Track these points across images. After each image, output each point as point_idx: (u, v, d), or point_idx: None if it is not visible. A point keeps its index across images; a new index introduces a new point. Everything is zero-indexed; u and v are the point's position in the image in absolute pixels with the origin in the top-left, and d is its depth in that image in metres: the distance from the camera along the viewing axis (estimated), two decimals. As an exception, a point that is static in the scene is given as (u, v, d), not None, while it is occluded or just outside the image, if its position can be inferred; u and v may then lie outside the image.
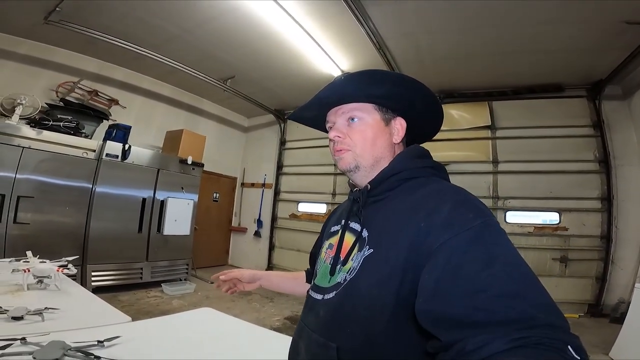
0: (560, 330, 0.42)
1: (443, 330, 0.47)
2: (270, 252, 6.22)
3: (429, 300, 0.49)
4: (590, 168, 4.17)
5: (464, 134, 4.79)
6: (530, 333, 0.41)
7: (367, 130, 0.71)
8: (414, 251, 0.55)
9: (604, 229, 4.02)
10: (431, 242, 0.53)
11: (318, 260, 0.81)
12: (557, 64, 3.86)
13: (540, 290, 0.46)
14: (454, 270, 0.48)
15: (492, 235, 0.52)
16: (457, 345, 0.44)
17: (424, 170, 0.69)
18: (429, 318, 0.49)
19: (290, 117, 0.87)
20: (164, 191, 4.45)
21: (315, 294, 0.72)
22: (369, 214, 0.69)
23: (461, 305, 0.46)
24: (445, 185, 0.65)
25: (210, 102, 6.21)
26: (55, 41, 4.08)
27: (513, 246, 0.51)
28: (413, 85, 0.72)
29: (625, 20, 2.93)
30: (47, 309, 1.10)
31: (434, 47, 3.73)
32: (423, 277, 0.51)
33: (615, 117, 4.14)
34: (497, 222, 0.54)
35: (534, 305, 0.44)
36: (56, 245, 3.32)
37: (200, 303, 3.82)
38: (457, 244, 0.50)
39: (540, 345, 0.40)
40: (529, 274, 0.47)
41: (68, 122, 3.71)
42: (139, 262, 4.19)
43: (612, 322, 3.46)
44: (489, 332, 0.42)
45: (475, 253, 0.49)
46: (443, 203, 0.57)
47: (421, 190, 0.63)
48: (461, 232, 0.51)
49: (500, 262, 0.48)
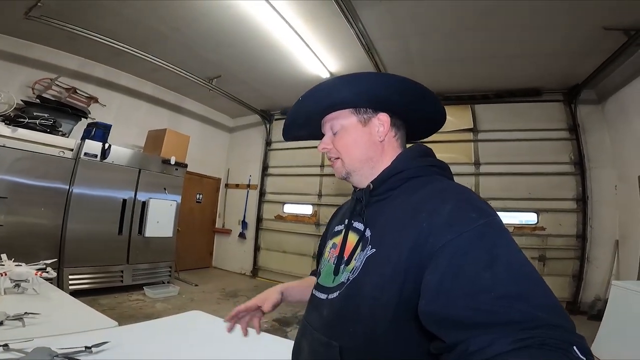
0: (565, 330, 0.42)
1: (446, 331, 0.47)
2: (256, 253, 6.14)
3: (432, 302, 0.49)
4: (566, 170, 4.33)
5: (448, 136, 4.88)
6: (534, 333, 0.40)
7: (346, 137, 0.73)
8: (417, 251, 0.54)
9: (579, 229, 4.18)
10: (433, 243, 0.52)
11: (322, 259, 0.80)
12: (536, 68, 3.99)
13: (544, 291, 0.45)
14: (457, 271, 0.48)
15: (495, 235, 0.51)
16: (460, 346, 0.44)
17: (427, 169, 0.69)
18: (432, 319, 0.49)
19: (286, 139, 0.88)
20: (145, 192, 4.33)
21: (319, 294, 0.72)
22: (372, 213, 0.68)
23: (464, 306, 0.45)
24: (447, 184, 0.64)
25: (194, 102, 6.08)
26: (34, 37, 3.91)
27: (517, 246, 0.51)
28: (379, 80, 0.72)
29: (604, 26, 3.02)
30: (27, 313, 1.05)
31: (422, 50, 3.78)
32: (426, 277, 0.51)
33: (589, 120, 4.32)
34: (501, 222, 0.54)
35: (537, 306, 0.43)
36: (32, 248, 3.17)
37: (185, 306, 3.73)
38: (459, 245, 0.50)
39: (545, 345, 0.39)
40: (532, 274, 0.47)
41: (44, 120, 3.55)
42: (120, 265, 4.06)
43: (590, 319, 3.56)
44: (493, 332, 0.42)
45: (477, 253, 0.49)
46: (445, 203, 0.56)
47: (423, 190, 0.63)
48: (464, 233, 0.51)
49: (503, 262, 0.47)
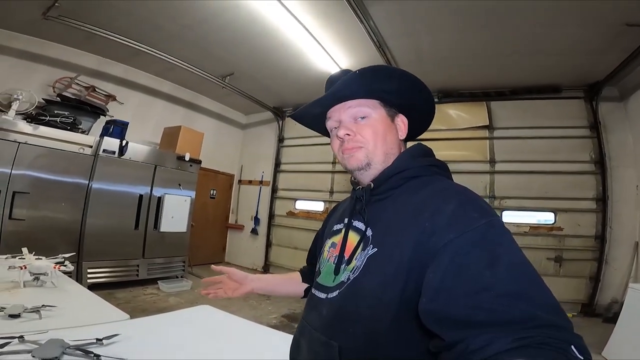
0: (564, 330, 0.42)
1: (446, 330, 0.47)
2: (267, 249, 6.21)
3: (432, 300, 0.49)
4: (586, 169, 4.19)
5: (462, 133, 4.80)
6: (534, 333, 0.41)
7: (377, 126, 0.70)
8: (419, 251, 0.55)
9: (598, 230, 4.05)
10: (435, 242, 0.53)
11: (320, 259, 0.81)
12: (555, 65, 3.87)
13: (544, 291, 0.46)
14: (458, 270, 0.48)
15: (497, 235, 0.52)
16: (460, 345, 0.44)
17: (428, 169, 0.69)
18: (432, 318, 0.49)
19: (294, 115, 0.83)
20: (161, 187, 4.43)
21: (318, 293, 0.72)
22: (373, 212, 0.68)
23: (465, 305, 0.46)
24: (449, 184, 0.65)
25: (208, 99, 6.16)
26: (53, 36, 4.03)
27: (518, 246, 0.51)
28: (415, 83, 0.72)
29: (626, 22, 2.92)
30: (45, 306, 1.09)
31: (434, 47, 3.72)
32: (427, 276, 0.51)
33: (611, 118, 4.16)
34: (502, 222, 0.54)
35: (537, 306, 0.44)
36: (52, 242, 3.30)
37: (197, 300, 3.80)
38: (461, 244, 0.50)
39: (544, 345, 0.40)
40: (533, 274, 0.47)
41: (65, 118, 3.68)
42: (136, 259, 4.17)
43: (605, 322, 3.48)
44: (493, 331, 0.42)
45: (479, 253, 0.49)
46: (447, 202, 0.56)
47: (425, 189, 0.63)
48: (465, 232, 0.51)
49: (504, 262, 0.48)
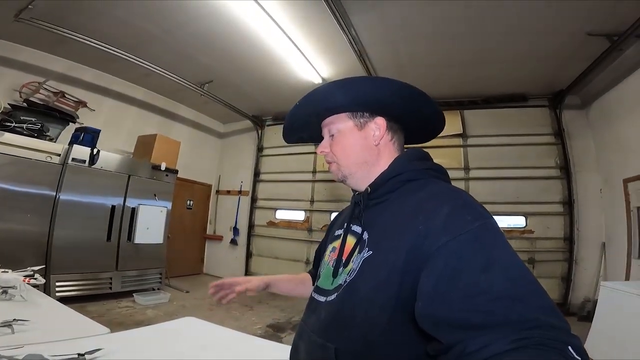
0: (561, 331, 0.42)
1: (444, 333, 0.47)
2: (248, 259, 6.08)
3: (428, 304, 0.49)
4: (553, 174, 4.43)
5: (438, 141, 4.89)
6: (531, 334, 0.41)
7: (342, 141, 0.74)
8: (413, 254, 0.55)
9: (566, 231, 4.26)
10: (430, 245, 0.53)
11: (321, 263, 0.81)
12: (523, 74, 4.09)
13: (540, 292, 0.46)
14: (453, 273, 0.48)
15: (491, 237, 0.52)
16: (457, 347, 0.45)
17: (424, 172, 0.70)
18: (429, 321, 0.49)
19: (287, 142, 0.91)
20: (135, 198, 4.26)
21: (317, 296, 0.72)
22: (370, 216, 0.69)
23: (461, 308, 0.46)
24: (443, 187, 0.65)
25: (185, 107, 6.03)
26: (22, 39, 3.84)
27: (512, 248, 0.51)
28: (376, 84, 0.73)
29: (587, 32, 3.11)
30: (16, 320, 1.01)
31: (412, 55, 3.84)
32: (422, 280, 0.51)
33: (574, 125, 4.43)
34: (496, 224, 0.55)
35: (533, 307, 0.44)
36: (18, 254, 3.09)
37: (176, 312, 3.66)
38: (455, 247, 0.50)
39: (542, 345, 0.40)
40: (527, 276, 0.48)
41: (31, 125, 3.48)
42: (108, 272, 3.97)
43: (580, 320, 3.59)
44: (491, 333, 0.43)
45: (474, 256, 0.49)
46: (441, 205, 0.57)
47: (420, 192, 0.63)
48: (459, 235, 0.51)
49: (499, 264, 0.48)
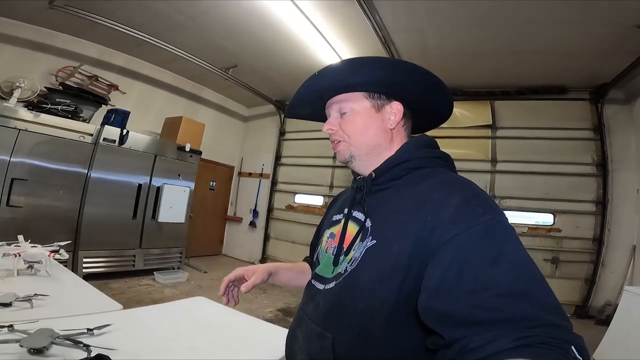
0: (565, 330, 0.42)
1: (446, 328, 0.47)
2: (265, 242, 6.22)
3: (433, 297, 0.48)
4: (587, 171, 4.18)
5: (465, 132, 4.77)
6: (534, 332, 0.41)
7: (356, 120, 0.70)
8: (420, 246, 0.53)
9: (596, 232, 4.04)
10: (438, 237, 0.51)
11: (318, 249, 0.80)
12: (562, 66, 3.83)
13: (546, 290, 0.46)
14: (460, 267, 0.47)
15: (501, 232, 0.51)
16: (459, 343, 0.44)
17: (431, 161, 0.67)
18: (432, 315, 0.49)
19: (287, 116, 0.87)
20: (160, 178, 4.42)
21: (316, 284, 0.72)
22: (373, 203, 0.67)
23: (466, 303, 0.45)
24: (453, 177, 0.63)
25: (210, 91, 6.13)
26: (57, 26, 4.00)
27: (521, 244, 0.50)
28: (400, 67, 0.69)
29: (636, 24, 2.88)
30: (37, 295, 1.08)
31: (440, 43, 3.67)
32: (428, 272, 0.50)
33: (616, 121, 4.13)
34: (507, 219, 0.53)
35: (538, 305, 0.43)
36: (48, 230, 3.27)
37: (192, 292, 3.82)
38: (464, 240, 0.49)
39: (545, 344, 0.40)
40: (535, 274, 0.47)
41: (66, 106, 3.67)
42: (132, 249, 4.17)
43: (597, 324, 3.50)
44: (494, 330, 0.42)
45: (482, 250, 0.48)
46: (451, 196, 0.55)
47: (428, 182, 0.61)
48: (469, 228, 0.50)
49: (507, 260, 0.47)
